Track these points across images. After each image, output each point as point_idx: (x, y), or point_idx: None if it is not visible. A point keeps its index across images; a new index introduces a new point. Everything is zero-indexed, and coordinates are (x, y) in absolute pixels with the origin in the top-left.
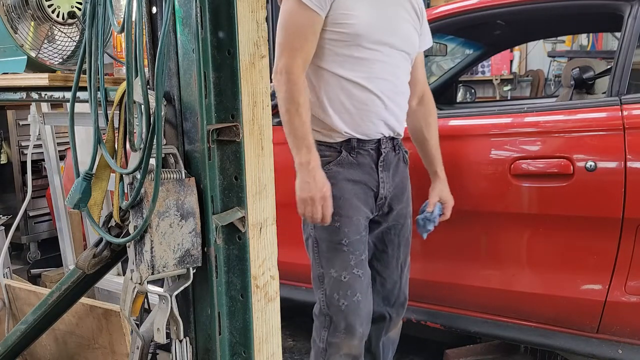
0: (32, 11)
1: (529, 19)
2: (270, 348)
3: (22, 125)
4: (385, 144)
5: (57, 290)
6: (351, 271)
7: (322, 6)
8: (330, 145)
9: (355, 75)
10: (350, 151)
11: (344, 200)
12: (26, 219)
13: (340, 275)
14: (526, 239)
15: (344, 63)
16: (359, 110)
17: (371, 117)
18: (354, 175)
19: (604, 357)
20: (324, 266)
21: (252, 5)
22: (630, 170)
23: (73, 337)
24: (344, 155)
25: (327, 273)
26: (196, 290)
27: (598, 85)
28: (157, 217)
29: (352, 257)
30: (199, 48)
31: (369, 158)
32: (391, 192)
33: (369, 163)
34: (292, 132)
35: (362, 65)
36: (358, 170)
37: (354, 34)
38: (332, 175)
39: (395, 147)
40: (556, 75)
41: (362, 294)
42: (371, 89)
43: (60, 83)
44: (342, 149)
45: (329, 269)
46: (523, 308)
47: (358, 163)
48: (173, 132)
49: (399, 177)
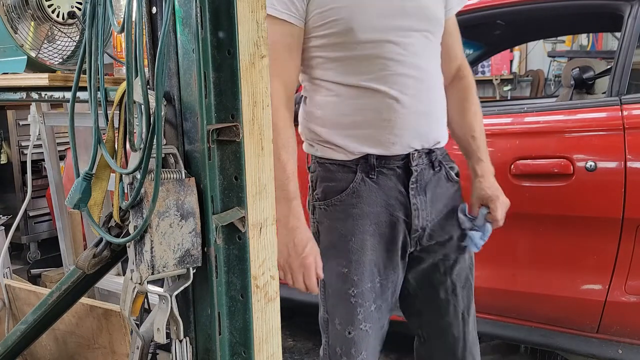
0: (32, 11)
1: (529, 19)
2: (270, 348)
3: (22, 125)
4: (418, 159)
5: (57, 290)
6: (358, 326)
7: (294, 13)
8: (343, 164)
9: (361, 79)
10: (368, 172)
11: (355, 240)
12: (26, 219)
13: (345, 330)
14: (526, 239)
15: (341, 67)
16: (372, 122)
17: (392, 127)
18: (372, 204)
19: (604, 357)
20: (329, 312)
21: (252, 5)
22: (630, 170)
23: (73, 337)
24: (359, 179)
25: (332, 321)
26: (196, 290)
27: (598, 85)
28: (157, 217)
29: (360, 310)
30: (199, 48)
31: (395, 179)
32: (431, 220)
33: (394, 185)
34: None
35: (366, 64)
36: (379, 196)
37: (345, 29)
38: (342, 209)
39: (433, 163)
40: (556, 75)
41: (368, 352)
42: (384, 90)
43: (60, 83)
44: (357, 169)
45: (334, 318)
46: (523, 308)
47: (379, 186)
48: (173, 132)
49: (441, 201)
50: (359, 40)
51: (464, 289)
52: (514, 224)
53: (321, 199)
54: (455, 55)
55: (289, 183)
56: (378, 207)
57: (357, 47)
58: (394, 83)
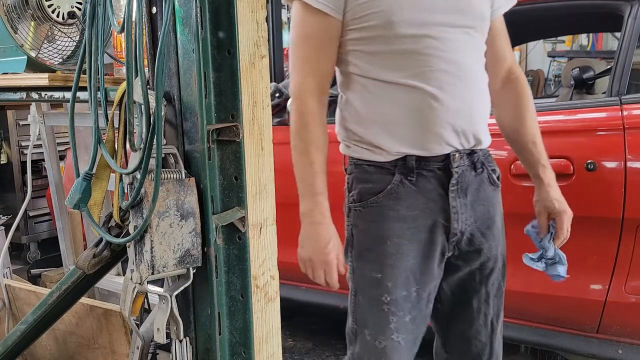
0: (32, 11)
1: (529, 19)
2: (270, 348)
3: (22, 125)
4: (459, 160)
5: (57, 290)
6: (389, 336)
7: (332, 4)
8: (380, 165)
9: (399, 75)
10: (407, 174)
11: (391, 244)
12: (26, 219)
13: (375, 340)
14: (526, 239)
15: (380, 62)
16: (411, 120)
17: (430, 125)
18: (410, 207)
19: (604, 357)
20: (358, 322)
21: (252, 5)
22: (630, 170)
23: (73, 337)
24: (397, 181)
25: (361, 332)
26: (196, 290)
27: (598, 85)
28: (157, 217)
29: (392, 318)
30: (199, 48)
31: (435, 181)
32: (471, 225)
33: (434, 188)
34: (298, 173)
35: (406, 59)
36: (418, 198)
37: (385, 22)
38: (379, 211)
39: (475, 164)
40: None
41: None
42: (424, 88)
43: (60, 83)
44: (395, 171)
45: (364, 327)
46: (523, 308)
47: (418, 189)
48: (173, 132)
49: (483, 205)
50: (398, 34)
51: (496, 297)
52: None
53: (357, 201)
54: (504, 56)
55: (315, 179)
56: (416, 211)
57: (396, 41)
58: (433, 79)
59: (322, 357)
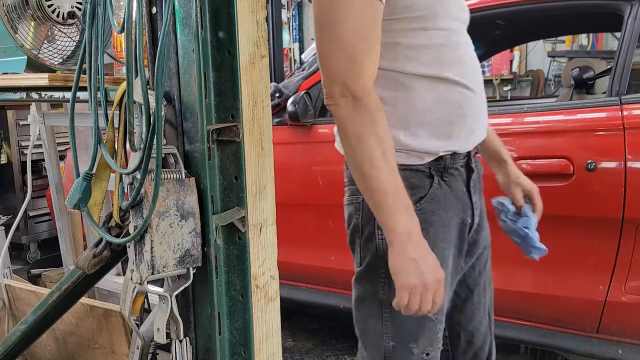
0: (32, 11)
1: (529, 19)
2: (270, 348)
3: (22, 125)
4: (474, 156)
5: (57, 290)
6: (437, 346)
7: None
8: (416, 169)
9: (442, 70)
10: (442, 174)
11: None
12: (26, 219)
13: (423, 352)
14: None
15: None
16: (455, 117)
17: (469, 121)
18: (447, 209)
19: (604, 357)
20: (399, 338)
21: (252, 5)
22: (630, 170)
23: (73, 337)
24: (436, 183)
25: (404, 348)
26: (196, 290)
27: (598, 85)
28: (157, 217)
29: (440, 327)
30: (199, 48)
31: (460, 179)
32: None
33: (460, 186)
34: (376, 186)
35: (445, 53)
36: (451, 199)
37: (431, 14)
38: (423, 218)
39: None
40: (556, 75)
41: None
42: (464, 83)
43: (60, 83)
44: (432, 173)
45: (409, 342)
46: (523, 308)
47: (451, 189)
48: (173, 132)
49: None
50: (438, 27)
51: (489, 285)
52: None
53: None
54: None
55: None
56: (450, 212)
57: (434, 34)
58: (468, 74)
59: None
